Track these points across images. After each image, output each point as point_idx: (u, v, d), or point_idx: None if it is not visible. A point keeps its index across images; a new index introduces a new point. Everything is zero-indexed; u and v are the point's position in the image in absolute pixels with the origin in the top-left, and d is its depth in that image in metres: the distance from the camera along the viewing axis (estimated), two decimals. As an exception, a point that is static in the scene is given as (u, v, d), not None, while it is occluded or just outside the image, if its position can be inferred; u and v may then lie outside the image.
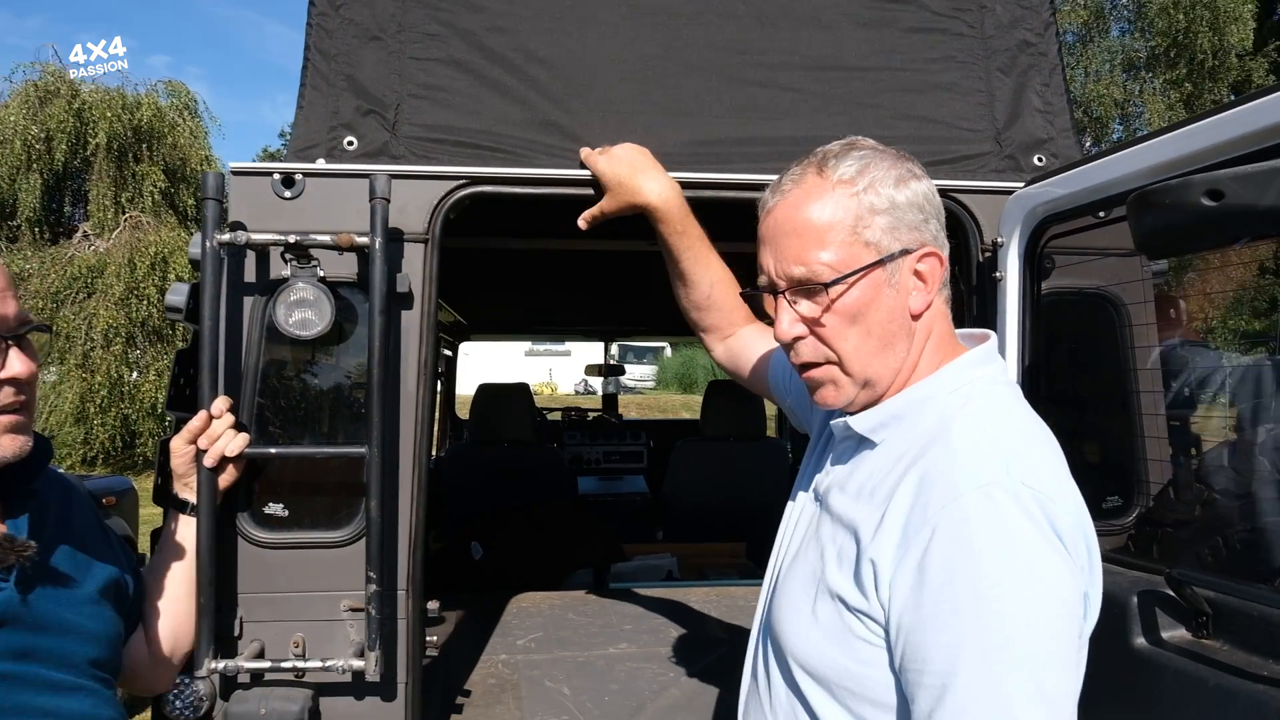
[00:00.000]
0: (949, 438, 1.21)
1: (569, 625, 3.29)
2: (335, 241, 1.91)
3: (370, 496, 1.86)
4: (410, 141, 2.15)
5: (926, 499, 1.14)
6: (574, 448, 6.78)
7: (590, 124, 2.21)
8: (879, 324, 1.28)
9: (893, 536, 1.16)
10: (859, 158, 1.30)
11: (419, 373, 2.03)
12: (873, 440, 1.35)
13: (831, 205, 1.27)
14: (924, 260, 1.30)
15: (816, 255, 1.26)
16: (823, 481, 1.45)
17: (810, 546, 1.37)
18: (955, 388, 1.30)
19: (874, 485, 1.27)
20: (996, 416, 1.26)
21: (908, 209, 1.28)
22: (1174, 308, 2.32)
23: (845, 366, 1.30)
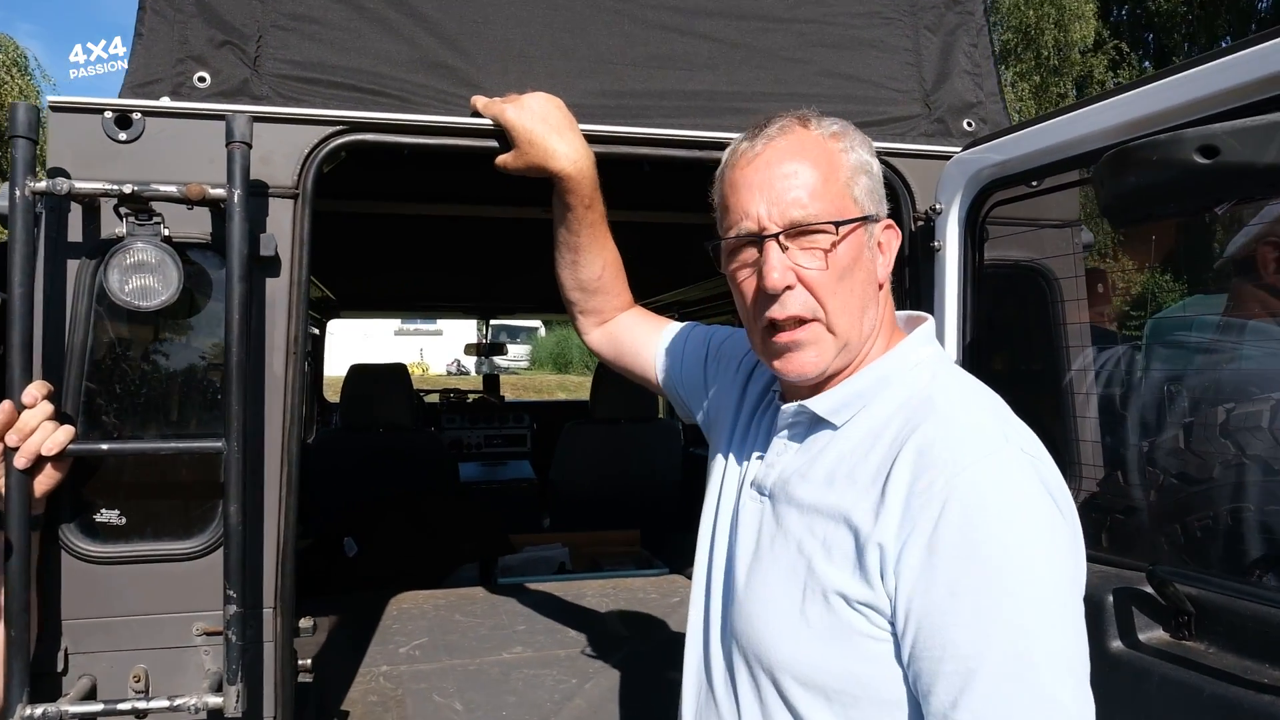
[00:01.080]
0: (937, 410, 1.15)
1: (456, 628, 3.01)
2: (183, 193, 1.58)
3: (229, 499, 1.55)
4: (275, 80, 1.82)
5: (930, 473, 1.07)
6: (453, 431, 6.43)
7: (487, 68, 1.93)
8: (860, 284, 1.24)
9: (895, 515, 1.09)
10: (835, 121, 1.29)
11: (288, 352, 1.72)
12: (832, 422, 1.26)
13: (828, 156, 1.24)
14: (886, 231, 1.30)
15: (817, 201, 1.21)
16: (767, 474, 1.32)
17: (780, 545, 1.23)
18: (914, 364, 1.26)
19: (851, 468, 1.18)
20: (972, 388, 1.24)
21: (875, 175, 1.29)
22: (1102, 282, 2.23)
23: (831, 323, 1.22)
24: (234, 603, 1.55)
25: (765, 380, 1.49)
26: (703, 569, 1.44)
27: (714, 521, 1.44)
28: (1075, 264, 2.13)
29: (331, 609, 3.15)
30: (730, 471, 1.44)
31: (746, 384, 1.53)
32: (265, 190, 1.72)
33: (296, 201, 1.74)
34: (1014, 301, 2.15)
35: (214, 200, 1.59)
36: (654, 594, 3.47)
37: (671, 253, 4.14)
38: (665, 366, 1.74)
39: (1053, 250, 2.12)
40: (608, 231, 1.79)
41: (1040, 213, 2.09)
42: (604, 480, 4.90)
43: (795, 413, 1.30)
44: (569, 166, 1.68)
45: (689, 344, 1.71)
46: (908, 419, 1.16)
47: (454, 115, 1.85)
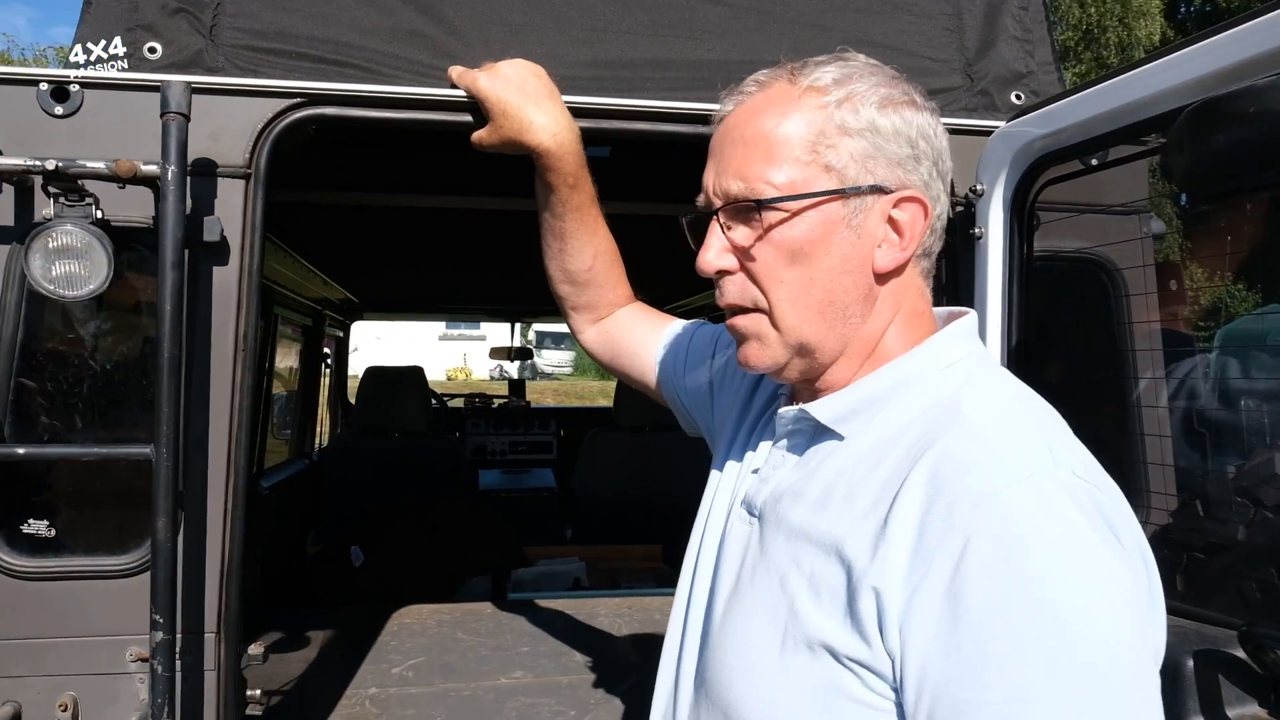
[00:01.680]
0: (963, 417, 0.92)
1: (457, 647, 2.82)
2: (113, 170, 1.41)
3: (156, 512, 1.37)
4: (233, 51, 1.65)
5: (948, 498, 0.84)
6: (478, 437, 6.26)
7: (468, 36, 1.75)
8: (826, 272, 1.00)
9: (901, 553, 0.85)
10: (841, 66, 1.03)
11: (236, 348, 1.55)
12: (837, 432, 1.03)
13: (794, 115, 1.00)
14: (903, 207, 1.01)
15: (762, 170, 1.00)
16: (759, 490, 1.10)
17: (761, 576, 1.01)
18: (947, 364, 1.02)
19: (850, 487, 0.96)
20: (1014, 392, 0.99)
21: (892, 138, 1.00)
22: (1175, 278, 1.96)
23: (775, 318, 1.03)
24: (161, 629, 1.37)
25: (774, 384, 1.28)
26: (682, 600, 1.23)
27: (699, 544, 1.22)
28: (1143, 253, 1.88)
29: (328, 622, 2.98)
30: (724, 486, 1.22)
31: (755, 388, 1.31)
32: (213, 169, 1.55)
33: (248, 182, 1.57)
34: (1068, 299, 1.91)
35: (148, 178, 1.42)
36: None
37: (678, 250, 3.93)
38: (666, 369, 1.52)
39: (1115, 239, 1.87)
40: (599, 216, 1.58)
41: (1100, 195, 1.85)
42: (627, 491, 4.69)
43: (795, 419, 1.08)
44: (547, 140, 1.48)
45: (694, 343, 1.49)
46: (926, 428, 0.93)
47: (428, 88, 1.66)
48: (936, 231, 1.05)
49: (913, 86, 1.05)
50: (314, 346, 4.82)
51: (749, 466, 1.18)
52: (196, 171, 1.51)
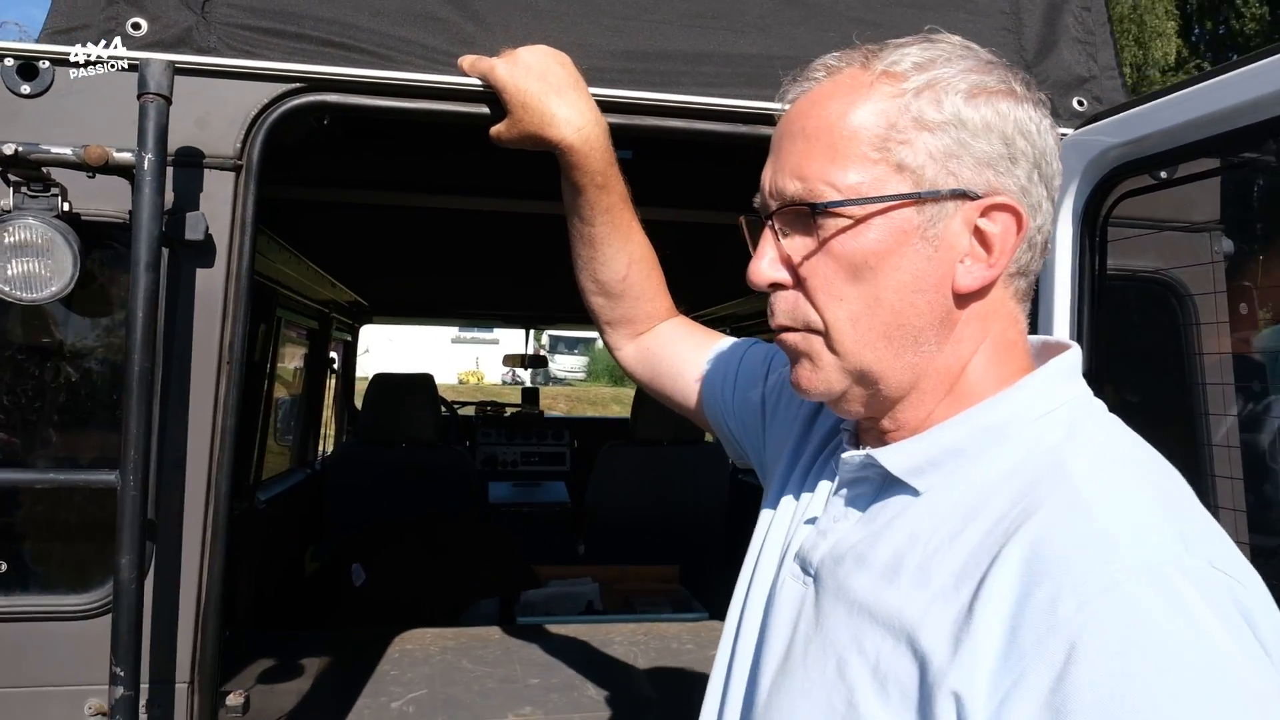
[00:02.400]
0: (1069, 483, 0.74)
1: (461, 678, 2.65)
2: (81, 157, 1.25)
3: (121, 548, 1.21)
4: (227, 30, 1.49)
5: (1050, 590, 0.67)
6: (488, 447, 6.08)
7: (488, 21, 1.58)
8: (894, 290, 0.84)
9: (989, 651, 0.68)
10: (925, 49, 0.86)
11: (220, 361, 1.38)
12: (912, 487, 0.85)
13: (863, 105, 0.84)
14: (992, 216, 0.83)
15: (822, 168, 0.84)
16: (815, 544, 0.92)
17: (815, 654, 0.84)
18: (1045, 411, 0.83)
19: (926, 557, 0.79)
20: (1132, 450, 0.80)
21: (981, 134, 0.83)
22: (1246, 301, 1.79)
23: (832, 340, 0.87)
24: (122, 683, 1.20)
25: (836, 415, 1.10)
26: (723, 661, 1.06)
27: (745, 596, 1.04)
28: (1215, 277, 1.70)
29: (325, 647, 2.81)
30: (775, 532, 1.04)
31: (813, 419, 1.13)
32: (199, 160, 1.39)
33: (239, 175, 1.40)
34: (1134, 323, 1.73)
35: (122, 167, 1.27)
36: (690, 644, 3.08)
37: (711, 259, 3.76)
38: (712, 392, 1.34)
39: (1186, 259, 1.70)
40: (633, 219, 1.41)
41: (1170, 211, 1.67)
42: (643, 507, 4.51)
43: (860, 465, 0.90)
44: (572, 135, 1.31)
45: (744, 364, 1.31)
46: (1022, 493, 0.76)
47: (442, 76, 1.50)
48: (1036, 246, 0.87)
49: (1013, 74, 0.86)
50: (319, 351, 4.66)
51: (804, 513, 1.00)
52: (179, 161, 1.36)
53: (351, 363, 5.71)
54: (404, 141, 2.56)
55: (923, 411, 0.87)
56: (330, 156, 2.45)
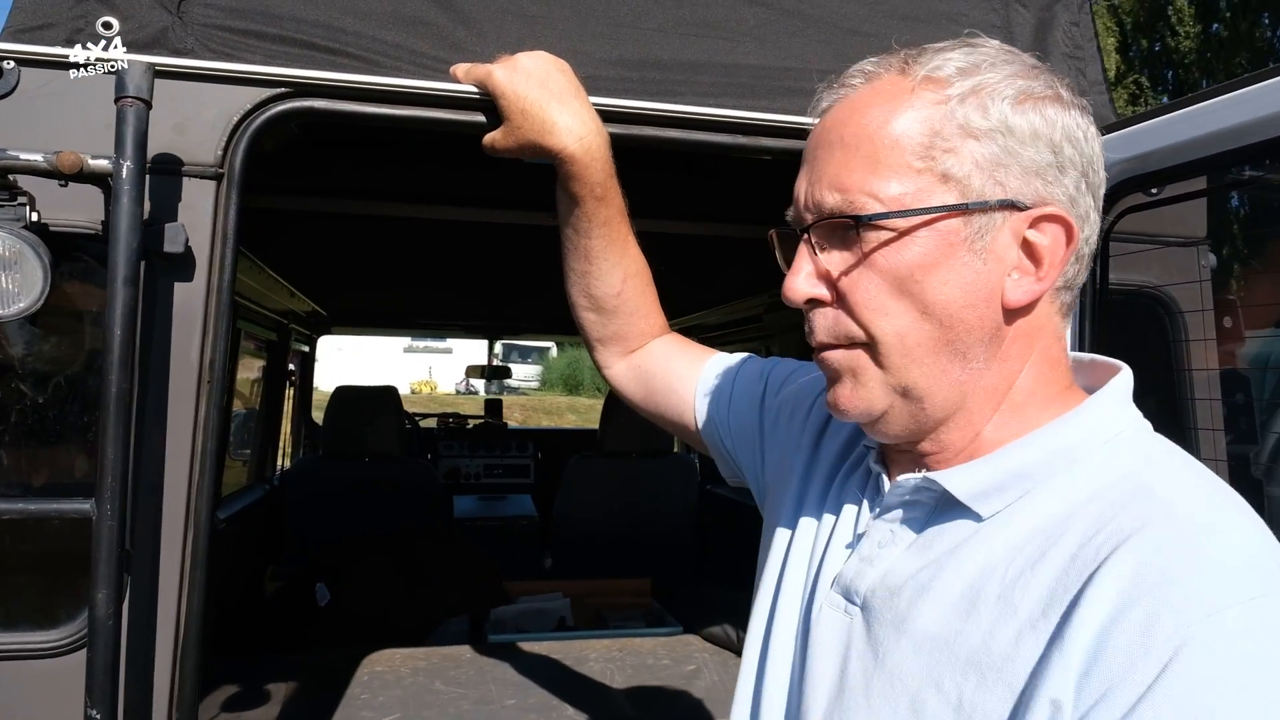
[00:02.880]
0: (1165, 508, 0.71)
1: (435, 700, 2.58)
2: (53, 164, 1.17)
3: (97, 582, 1.13)
4: (205, 30, 1.42)
5: (1147, 608, 0.65)
6: (451, 460, 5.97)
7: (480, 26, 1.53)
8: (944, 304, 0.80)
9: (1078, 662, 0.67)
10: (968, 54, 0.83)
11: (200, 381, 1.31)
12: (975, 511, 0.82)
13: (905, 112, 0.80)
14: (1041, 227, 0.80)
15: (863, 179, 0.80)
16: (860, 571, 0.88)
17: (880, 690, 0.80)
18: (1112, 435, 0.81)
19: (1007, 589, 0.75)
20: (1210, 478, 0.77)
21: (1029, 142, 0.79)
22: (1231, 315, 1.80)
23: (879, 354, 0.83)
24: (97, 726, 1.12)
25: (849, 431, 1.05)
26: (748, 690, 1.00)
27: (768, 625, 0.99)
28: (1203, 293, 1.71)
29: (290, 671, 2.72)
30: (796, 558, 0.99)
31: (820, 435, 1.09)
32: (178, 167, 1.32)
33: (220, 184, 1.33)
34: (1128, 337, 1.72)
35: (97, 175, 1.19)
36: (666, 659, 3.04)
37: (684, 270, 3.74)
38: (707, 411, 1.29)
39: (1177, 274, 1.70)
40: (629, 233, 1.36)
41: (1160, 227, 1.67)
42: (612, 520, 4.46)
43: (915, 489, 0.86)
44: (573, 144, 1.26)
45: (740, 381, 1.27)
46: (1107, 517, 0.73)
47: (437, 82, 1.45)
48: (1083, 259, 0.83)
49: (1058, 78, 0.83)
50: (278, 362, 4.54)
51: (835, 537, 0.95)
52: (157, 169, 1.28)
53: (309, 374, 5.58)
54: (370, 149, 2.49)
55: (970, 432, 0.84)
56: (290, 162, 2.38)
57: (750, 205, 2.75)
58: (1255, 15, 16.13)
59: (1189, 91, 15.36)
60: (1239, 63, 22.88)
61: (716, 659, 3.03)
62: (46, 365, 1.33)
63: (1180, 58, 23.75)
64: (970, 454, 0.84)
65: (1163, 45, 24.37)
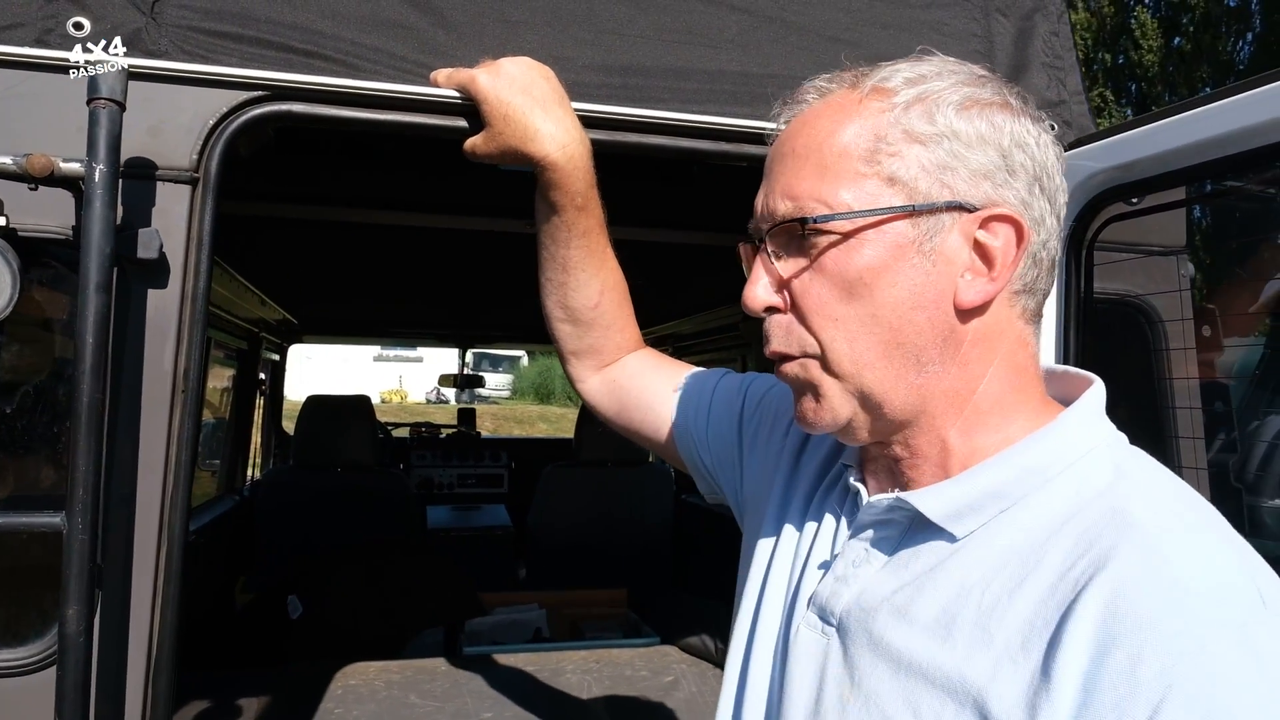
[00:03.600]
0: (1139, 535, 0.70)
1: (409, 713, 2.54)
2: (23, 168, 1.14)
3: (68, 598, 1.09)
4: (179, 32, 1.39)
5: (1131, 649, 0.63)
6: (424, 470, 5.91)
7: (460, 30, 1.51)
8: (893, 307, 0.80)
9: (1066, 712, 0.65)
10: (916, 66, 0.84)
11: (174, 390, 1.28)
12: (949, 532, 0.81)
13: (852, 122, 0.82)
14: (992, 228, 0.80)
15: (812, 186, 0.82)
16: (836, 592, 0.87)
17: (858, 715, 0.79)
18: (1085, 450, 0.80)
19: (984, 613, 0.74)
20: (1183, 497, 0.76)
21: (977, 145, 0.80)
22: (1210, 324, 1.82)
23: (830, 363, 0.83)
24: (67, 747, 1.08)
25: (829, 447, 1.05)
26: (728, 708, 1.00)
27: (748, 643, 0.98)
28: (1182, 303, 1.72)
29: (263, 685, 2.67)
30: (777, 573, 0.98)
31: (800, 451, 1.08)
32: (151, 171, 1.28)
33: (195, 189, 1.30)
34: (1110, 346, 1.73)
35: (69, 179, 1.16)
36: (644, 670, 3.02)
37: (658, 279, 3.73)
38: (684, 425, 1.28)
39: (1157, 283, 1.71)
40: (607, 244, 1.35)
41: (1140, 236, 1.69)
42: (587, 530, 4.43)
43: (888, 509, 0.85)
44: (555, 152, 1.25)
45: (717, 396, 1.26)
46: (1088, 542, 0.72)
47: (418, 86, 1.43)
48: (1042, 263, 0.83)
49: (1008, 88, 0.84)
50: (249, 371, 4.47)
51: (813, 555, 0.95)
52: (130, 174, 1.25)
53: (280, 383, 5.51)
54: (343, 155, 2.46)
55: (934, 438, 0.84)
56: (265, 168, 2.34)
57: (725, 212, 2.75)
58: (1216, 29, 16.44)
59: (1153, 105, 15.54)
60: (1200, 76, 23.31)
61: (694, 670, 3.01)
62: (14, 374, 1.29)
63: (1144, 71, 24.15)
64: (940, 463, 0.84)
65: (1125, 59, 24.78)
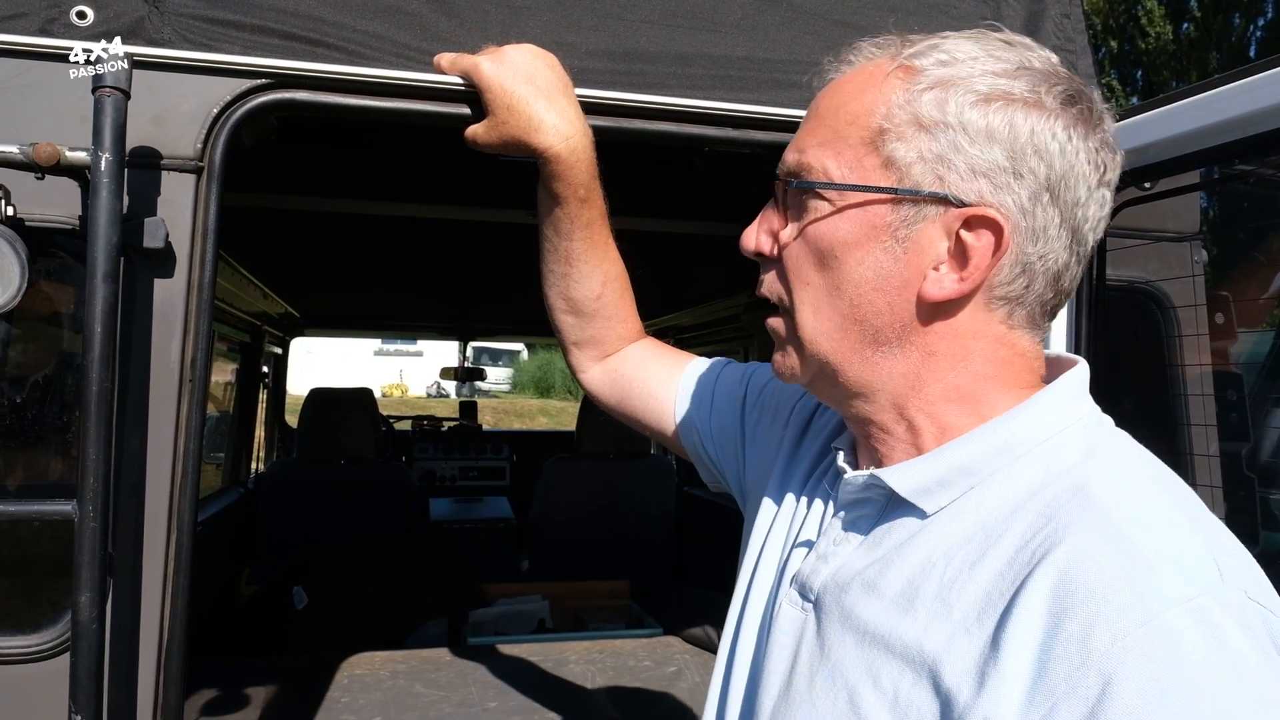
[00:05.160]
0: (1095, 508, 0.70)
1: (416, 703, 2.55)
2: (29, 156, 1.14)
3: (80, 584, 1.10)
4: (182, 21, 1.38)
5: (1082, 621, 0.63)
6: (426, 463, 5.92)
7: (463, 15, 1.50)
8: (855, 284, 0.82)
9: (1016, 685, 0.65)
10: (959, 45, 0.81)
11: (181, 379, 1.28)
12: (920, 508, 0.81)
13: (870, 92, 0.82)
14: (974, 229, 0.78)
15: (819, 149, 0.84)
16: (815, 569, 0.88)
17: (822, 684, 0.80)
18: (1058, 429, 0.80)
19: (944, 585, 0.75)
20: (1153, 471, 0.77)
21: (983, 141, 0.77)
22: (1223, 311, 1.81)
23: (795, 324, 0.87)
24: (80, 733, 1.09)
25: (827, 434, 1.05)
26: (717, 688, 1.01)
27: (737, 622, 1.00)
28: (1195, 289, 1.71)
29: (270, 675, 2.68)
30: (768, 554, 0.99)
31: (800, 438, 1.09)
32: (156, 161, 1.28)
33: (200, 178, 1.30)
34: (1121, 335, 1.73)
35: (75, 168, 1.16)
36: (647, 660, 3.02)
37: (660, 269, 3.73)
38: (688, 416, 1.28)
39: (1170, 269, 1.71)
40: (609, 236, 1.35)
41: (1153, 221, 1.68)
42: (590, 522, 4.44)
43: (863, 486, 0.86)
44: (559, 143, 1.24)
45: (720, 385, 1.26)
46: (1046, 517, 0.72)
47: (422, 73, 1.42)
48: (1035, 274, 0.79)
49: (1051, 83, 0.79)
50: (252, 364, 4.48)
51: (801, 535, 0.96)
52: (135, 163, 1.25)
53: (283, 377, 5.51)
54: (344, 145, 2.46)
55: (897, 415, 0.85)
56: (266, 159, 2.34)
57: (728, 202, 2.75)
58: (1226, 14, 16.37)
59: (1159, 92, 15.39)
60: (1210, 61, 23.20)
61: (697, 660, 3.02)
62: (23, 364, 1.29)
63: (1150, 59, 24.06)
64: (911, 441, 0.85)
65: (1132, 46, 24.70)
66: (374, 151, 2.48)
